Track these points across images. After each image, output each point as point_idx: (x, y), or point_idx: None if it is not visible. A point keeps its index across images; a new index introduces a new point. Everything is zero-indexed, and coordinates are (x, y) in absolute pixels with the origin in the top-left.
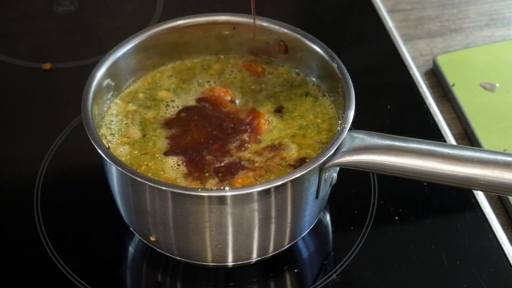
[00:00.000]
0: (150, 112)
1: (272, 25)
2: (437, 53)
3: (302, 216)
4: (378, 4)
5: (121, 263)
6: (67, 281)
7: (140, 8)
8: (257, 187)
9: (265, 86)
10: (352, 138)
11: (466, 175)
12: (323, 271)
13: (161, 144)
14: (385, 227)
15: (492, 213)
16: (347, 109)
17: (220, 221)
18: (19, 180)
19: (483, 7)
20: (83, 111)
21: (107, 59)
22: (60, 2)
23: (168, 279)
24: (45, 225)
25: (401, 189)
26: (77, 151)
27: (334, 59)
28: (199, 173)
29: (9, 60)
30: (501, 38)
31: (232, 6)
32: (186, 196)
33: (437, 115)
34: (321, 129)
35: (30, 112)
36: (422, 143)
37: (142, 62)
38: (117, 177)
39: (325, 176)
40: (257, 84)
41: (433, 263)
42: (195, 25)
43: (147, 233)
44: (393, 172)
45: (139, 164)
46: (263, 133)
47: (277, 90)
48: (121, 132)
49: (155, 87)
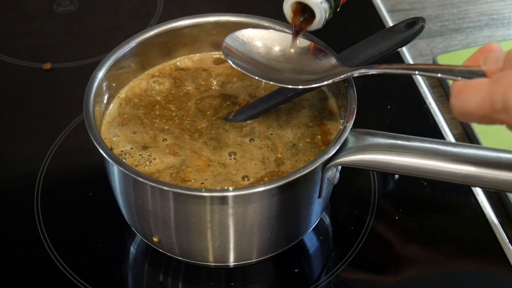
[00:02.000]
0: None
1: (273, 25)
2: (437, 53)
3: (305, 215)
4: (378, 4)
5: (123, 263)
6: (68, 281)
7: (140, 8)
8: (260, 187)
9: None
10: (354, 137)
11: (470, 173)
12: (324, 270)
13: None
14: (385, 227)
15: (492, 212)
16: (349, 108)
17: (223, 221)
18: (19, 180)
19: (483, 7)
20: (85, 112)
21: (108, 60)
22: (60, 2)
23: (169, 279)
24: (45, 225)
25: (401, 189)
26: (77, 151)
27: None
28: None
29: (9, 60)
30: (501, 38)
31: (232, 6)
32: (188, 196)
33: (437, 115)
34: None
35: (30, 112)
36: (424, 141)
37: (142, 62)
38: (119, 178)
39: (327, 175)
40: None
41: (433, 263)
42: (195, 25)
43: (149, 233)
44: (396, 171)
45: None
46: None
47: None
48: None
49: (155, 87)
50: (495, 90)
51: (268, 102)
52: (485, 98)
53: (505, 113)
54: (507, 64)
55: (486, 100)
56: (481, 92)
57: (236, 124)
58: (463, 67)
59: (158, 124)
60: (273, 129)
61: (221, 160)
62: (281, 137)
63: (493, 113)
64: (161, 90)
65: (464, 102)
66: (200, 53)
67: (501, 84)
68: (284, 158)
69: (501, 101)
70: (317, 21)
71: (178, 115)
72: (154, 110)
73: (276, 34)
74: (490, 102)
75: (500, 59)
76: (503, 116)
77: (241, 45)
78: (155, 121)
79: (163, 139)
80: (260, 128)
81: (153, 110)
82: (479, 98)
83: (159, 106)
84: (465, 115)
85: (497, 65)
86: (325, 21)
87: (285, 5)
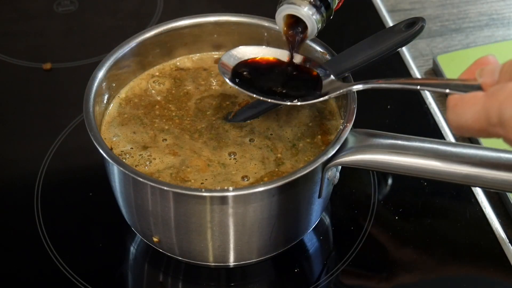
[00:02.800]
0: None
1: (273, 25)
2: (437, 53)
3: (305, 215)
4: (378, 4)
5: (123, 263)
6: (68, 281)
7: (140, 8)
8: (260, 187)
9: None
10: (354, 137)
11: (470, 172)
12: (324, 270)
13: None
14: (385, 227)
15: (492, 213)
16: (349, 108)
17: (223, 221)
18: (19, 180)
19: (483, 7)
20: (85, 112)
21: (108, 60)
22: (60, 2)
23: (169, 279)
24: (45, 225)
25: (401, 189)
26: (77, 151)
27: None
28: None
29: (9, 60)
30: (501, 38)
31: (232, 6)
32: (188, 196)
33: (437, 115)
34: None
35: (30, 112)
36: (424, 141)
37: (142, 62)
38: (119, 178)
39: (327, 175)
40: None
41: (433, 263)
42: (195, 25)
43: (149, 233)
44: (396, 171)
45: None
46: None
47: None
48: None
49: (155, 87)
50: (490, 104)
51: (268, 102)
52: (481, 112)
53: (501, 126)
54: (502, 76)
55: (482, 114)
56: (476, 105)
57: (236, 124)
58: (459, 80)
59: (158, 124)
60: (273, 129)
61: (221, 160)
62: (281, 137)
63: (489, 127)
64: (161, 90)
65: (460, 116)
66: (200, 53)
67: (497, 98)
68: (284, 158)
69: (497, 115)
70: (309, 32)
71: (178, 115)
72: (154, 110)
73: (272, 50)
74: (486, 116)
75: (496, 72)
76: (499, 130)
77: (238, 62)
78: (155, 121)
79: (163, 139)
80: (260, 128)
81: (153, 110)
82: (475, 112)
83: (159, 106)
84: (461, 129)
85: (493, 77)
86: (317, 31)
87: (277, 17)
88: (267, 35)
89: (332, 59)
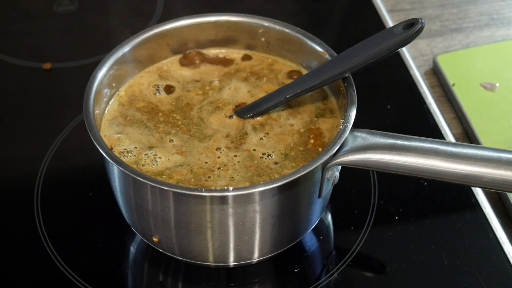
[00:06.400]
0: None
1: (273, 25)
2: (437, 53)
3: (305, 215)
4: (378, 4)
5: (122, 263)
6: (68, 281)
7: (140, 7)
8: (260, 187)
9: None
10: (354, 137)
11: (470, 172)
12: (324, 270)
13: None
14: (385, 227)
15: (492, 213)
16: (349, 108)
17: (223, 221)
18: (19, 180)
19: (483, 7)
20: (85, 112)
21: (108, 59)
22: (60, 2)
23: (169, 279)
24: (45, 225)
25: (401, 189)
26: (77, 151)
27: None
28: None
29: (9, 60)
30: (501, 38)
31: (232, 6)
32: (188, 196)
33: (437, 115)
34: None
35: (30, 112)
36: (424, 141)
37: (142, 62)
38: (119, 178)
39: (327, 175)
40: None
41: (433, 263)
42: (195, 25)
43: (149, 233)
44: (396, 171)
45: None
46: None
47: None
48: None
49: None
50: None
51: (268, 102)
52: None
53: None
54: None
55: None
56: None
57: (237, 124)
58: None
59: (158, 124)
60: (273, 129)
61: (221, 160)
62: (281, 137)
63: None
64: (161, 90)
65: None
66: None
67: None
68: (284, 158)
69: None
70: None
71: (178, 115)
72: (154, 110)
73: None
74: None
75: None
76: None
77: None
78: (156, 120)
79: (163, 138)
80: (261, 128)
81: (153, 110)
82: None
83: (160, 106)
84: None
85: None
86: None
87: None
88: (267, 35)
89: (332, 59)
